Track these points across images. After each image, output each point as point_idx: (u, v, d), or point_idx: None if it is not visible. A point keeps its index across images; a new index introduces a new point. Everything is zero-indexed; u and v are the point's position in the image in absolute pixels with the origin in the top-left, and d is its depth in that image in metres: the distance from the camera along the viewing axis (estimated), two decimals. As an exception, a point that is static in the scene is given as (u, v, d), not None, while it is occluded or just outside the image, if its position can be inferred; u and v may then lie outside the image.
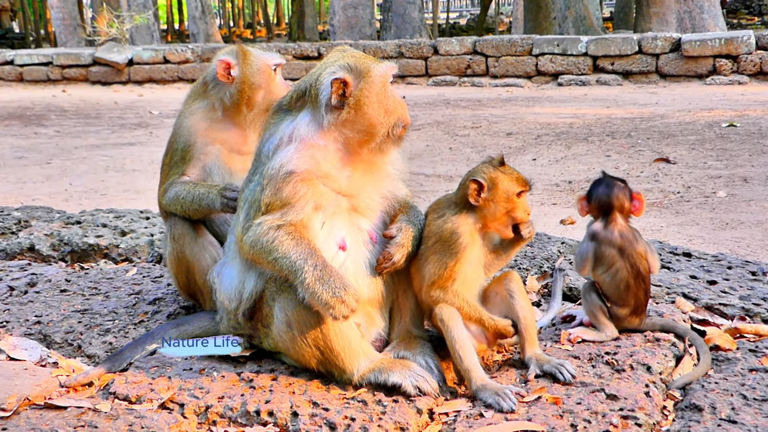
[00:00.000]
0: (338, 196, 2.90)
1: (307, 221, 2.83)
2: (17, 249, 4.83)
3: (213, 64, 3.52)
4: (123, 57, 21.15)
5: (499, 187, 2.89)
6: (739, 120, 11.57)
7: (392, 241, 2.94)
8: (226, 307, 3.05)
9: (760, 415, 2.54)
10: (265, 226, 2.78)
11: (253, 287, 2.92)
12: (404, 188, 3.11)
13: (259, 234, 2.78)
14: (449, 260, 2.88)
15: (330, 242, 2.88)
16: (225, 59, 3.49)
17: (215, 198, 3.35)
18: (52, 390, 2.84)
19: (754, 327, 3.25)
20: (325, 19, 42.38)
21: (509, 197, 2.89)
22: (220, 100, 3.50)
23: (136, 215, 5.40)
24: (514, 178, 2.92)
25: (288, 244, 2.74)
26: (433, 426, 2.60)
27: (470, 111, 14.25)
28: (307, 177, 2.82)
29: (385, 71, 2.90)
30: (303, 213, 2.81)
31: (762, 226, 6.14)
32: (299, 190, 2.80)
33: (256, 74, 3.49)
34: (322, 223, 2.88)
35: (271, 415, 2.64)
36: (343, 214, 2.93)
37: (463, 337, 2.83)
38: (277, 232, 2.76)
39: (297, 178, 2.81)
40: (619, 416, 2.52)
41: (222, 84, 3.49)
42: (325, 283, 2.69)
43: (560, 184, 8.10)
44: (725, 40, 16.71)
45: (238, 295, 2.98)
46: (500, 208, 2.89)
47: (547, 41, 18.37)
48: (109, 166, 9.95)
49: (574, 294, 3.74)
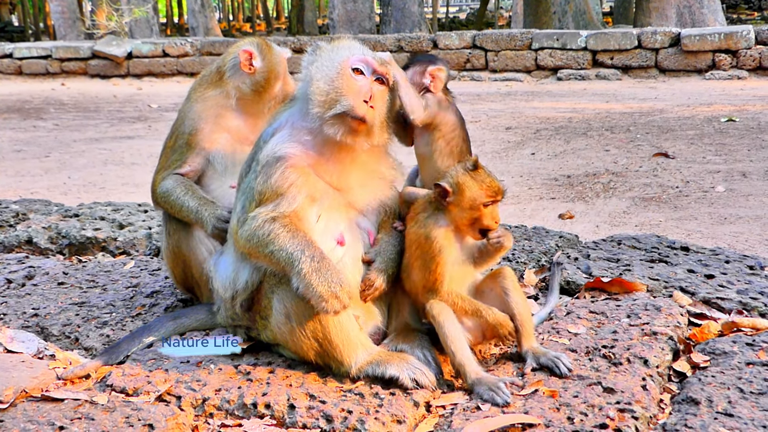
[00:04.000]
0: (331, 188, 2.90)
1: (302, 213, 2.83)
2: (15, 242, 4.84)
3: (232, 53, 3.55)
4: (122, 50, 21.14)
5: (465, 194, 2.81)
6: (738, 115, 11.56)
7: (372, 266, 2.94)
8: (221, 296, 3.06)
9: (756, 408, 2.54)
10: (260, 219, 2.78)
11: (247, 277, 2.92)
12: (394, 196, 3.10)
13: (255, 227, 2.78)
14: (431, 264, 2.86)
15: (328, 236, 2.88)
16: (248, 49, 3.52)
17: (207, 220, 3.35)
18: (49, 382, 2.84)
19: (751, 321, 3.26)
20: (325, 13, 42.36)
21: (475, 205, 2.81)
22: (237, 89, 3.51)
23: (134, 208, 5.40)
24: (484, 186, 2.82)
25: (284, 236, 2.74)
26: (430, 419, 2.60)
27: (469, 105, 14.23)
28: (297, 163, 2.83)
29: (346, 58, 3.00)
30: (296, 202, 2.80)
31: (760, 220, 6.14)
32: (288, 177, 2.81)
33: (278, 65, 3.57)
34: (318, 216, 2.88)
35: (268, 408, 2.64)
36: (340, 210, 2.93)
37: (455, 332, 2.82)
38: (273, 225, 2.76)
39: (287, 164, 2.82)
40: (616, 409, 2.53)
41: (241, 73, 3.51)
42: (322, 276, 2.69)
43: (559, 178, 8.10)
44: (725, 35, 16.71)
45: (232, 284, 2.98)
46: (465, 214, 2.83)
47: (547, 36, 18.35)
48: (108, 160, 9.94)
49: (571, 288, 3.74)
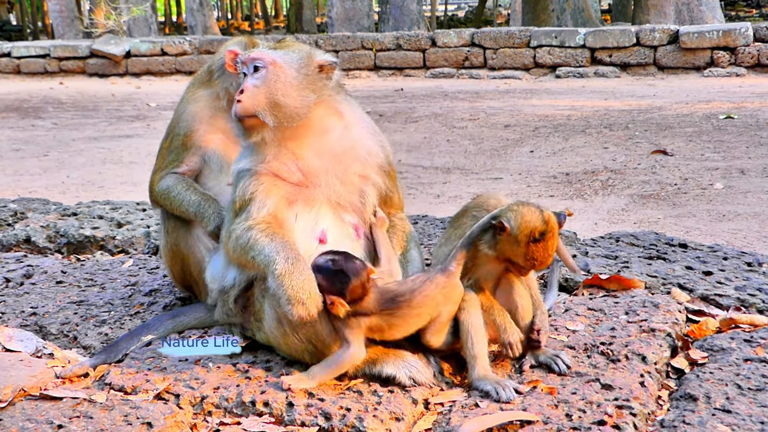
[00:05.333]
0: (299, 187, 2.89)
1: (281, 216, 2.85)
2: (13, 241, 4.83)
3: (221, 53, 3.53)
4: (120, 49, 21.10)
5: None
6: (736, 112, 11.57)
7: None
8: (212, 289, 3.10)
9: (754, 404, 2.54)
10: (239, 229, 2.82)
11: (235, 275, 2.96)
12: (384, 180, 3.05)
13: (236, 237, 2.82)
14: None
15: (308, 235, 2.87)
16: (234, 50, 3.49)
17: (210, 217, 3.34)
18: (48, 381, 2.84)
19: (749, 317, 3.26)
20: (323, 12, 42.30)
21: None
22: (226, 90, 3.50)
23: (133, 207, 5.40)
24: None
25: (262, 241, 2.75)
26: (429, 416, 2.61)
27: (468, 103, 14.23)
28: (260, 171, 2.87)
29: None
30: (265, 207, 2.82)
31: (758, 217, 6.14)
32: (253, 185, 2.85)
33: None
34: (296, 215, 2.88)
35: (266, 406, 2.64)
36: (319, 207, 2.91)
37: (479, 324, 2.79)
38: (251, 232, 2.78)
39: (250, 174, 2.88)
40: (614, 406, 2.53)
41: (228, 74, 3.50)
42: (294, 279, 2.65)
43: (558, 176, 8.10)
44: (723, 32, 16.71)
45: (221, 279, 3.02)
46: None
47: (545, 33, 18.34)
48: (107, 159, 9.94)
49: (569, 285, 3.74)
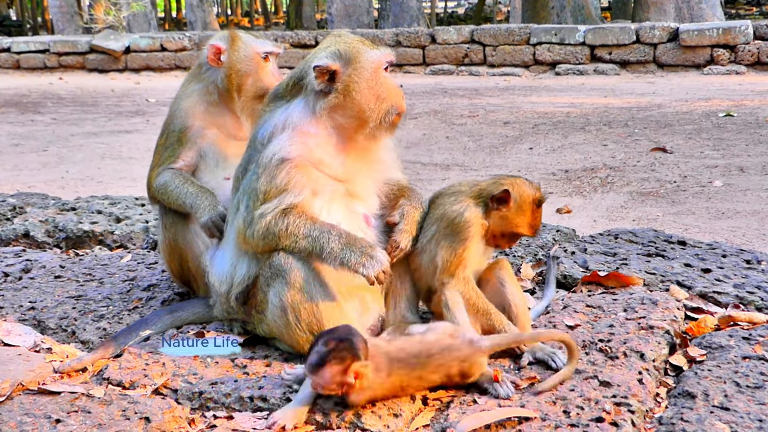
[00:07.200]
0: (333, 181, 2.91)
1: (308, 206, 2.85)
2: (12, 235, 4.83)
3: (205, 48, 3.53)
4: (120, 45, 21.06)
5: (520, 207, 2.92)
6: (736, 110, 11.56)
7: (396, 227, 2.96)
8: (218, 291, 3.07)
9: (752, 402, 2.54)
10: (269, 216, 2.80)
11: (245, 271, 2.94)
12: (399, 172, 3.13)
13: (267, 224, 2.80)
14: (458, 247, 2.88)
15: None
16: (216, 44, 3.50)
17: (204, 210, 3.29)
18: (46, 375, 2.84)
19: (747, 315, 3.26)
20: (323, 8, 42.27)
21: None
22: (213, 84, 3.51)
23: (132, 202, 5.39)
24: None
25: (304, 225, 2.78)
26: (427, 412, 2.60)
27: (467, 100, 14.21)
28: (301, 163, 2.84)
29: (378, 58, 2.89)
30: (301, 196, 2.82)
31: (758, 215, 6.14)
32: (293, 177, 2.82)
33: (243, 61, 3.48)
34: (321, 209, 2.89)
35: (264, 401, 2.64)
36: (339, 199, 2.94)
37: (465, 323, 2.81)
38: (287, 219, 2.79)
39: (291, 165, 2.82)
40: (612, 403, 2.53)
41: (213, 68, 3.50)
42: (353, 246, 2.75)
43: (557, 173, 8.09)
44: (723, 30, 16.68)
45: (230, 279, 3.01)
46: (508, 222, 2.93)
47: (545, 30, 18.32)
48: (106, 154, 9.92)
49: (568, 282, 3.74)
